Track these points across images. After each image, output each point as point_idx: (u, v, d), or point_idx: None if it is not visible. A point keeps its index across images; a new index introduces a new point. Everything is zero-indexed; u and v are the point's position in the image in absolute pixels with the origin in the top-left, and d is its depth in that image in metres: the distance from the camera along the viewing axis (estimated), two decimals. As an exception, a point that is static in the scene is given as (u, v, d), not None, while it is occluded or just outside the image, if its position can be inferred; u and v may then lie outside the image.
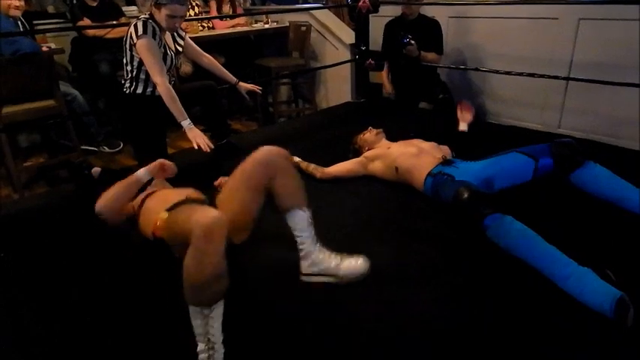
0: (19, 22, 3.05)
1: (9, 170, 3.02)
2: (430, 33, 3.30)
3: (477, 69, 3.51)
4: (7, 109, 2.85)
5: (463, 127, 2.38)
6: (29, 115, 2.92)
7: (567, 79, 3.01)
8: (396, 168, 2.12)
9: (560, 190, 1.93)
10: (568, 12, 3.02)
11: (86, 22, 3.56)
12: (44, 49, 3.03)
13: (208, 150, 2.21)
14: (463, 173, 1.86)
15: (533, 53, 3.21)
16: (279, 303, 1.44)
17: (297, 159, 2.48)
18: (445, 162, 2.00)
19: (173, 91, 2.26)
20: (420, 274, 1.55)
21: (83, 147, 3.35)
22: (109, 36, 3.55)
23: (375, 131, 2.43)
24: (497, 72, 3.25)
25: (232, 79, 2.67)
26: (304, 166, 2.41)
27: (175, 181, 2.33)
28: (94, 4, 3.70)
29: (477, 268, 1.59)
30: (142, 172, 1.68)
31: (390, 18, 3.49)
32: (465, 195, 1.64)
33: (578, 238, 1.66)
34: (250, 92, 2.71)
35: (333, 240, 1.78)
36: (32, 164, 3.29)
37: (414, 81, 3.39)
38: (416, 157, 2.09)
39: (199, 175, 2.58)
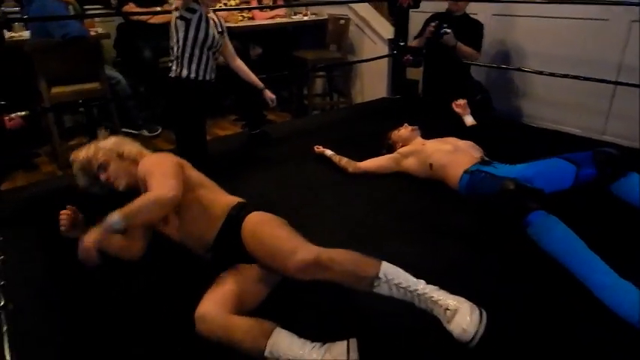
0: (70, 7, 3.17)
1: (54, 148, 3.18)
2: (471, 32, 3.22)
3: (519, 69, 3.41)
4: (55, 90, 2.99)
5: (469, 120, 2.45)
6: (75, 96, 3.05)
7: (616, 83, 2.88)
8: (431, 164, 2.11)
9: (599, 197, 1.87)
10: (620, 13, 2.89)
11: (132, 7, 3.68)
12: (92, 33, 3.15)
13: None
14: (503, 171, 1.83)
15: (580, 55, 3.09)
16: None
17: (329, 152, 2.49)
18: (484, 161, 1.98)
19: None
20: (446, 273, 1.54)
21: (124, 130, 3.47)
22: (152, 21, 3.64)
23: (410, 128, 2.41)
24: (541, 73, 3.15)
25: (259, 84, 2.70)
26: (337, 160, 2.42)
27: (211, 169, 2.40)
28: (140, -10, 3.81)
29: (505, 269, 1.56)
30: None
31: (431, 14, 3.44)
32: (512, 186, 1.60)
33: (617, 248, 1.61)
34: (272, 99, 2.76)
35: (358, 237, 1.81)
36: (76, 144, 3.43)
37: (448, 80, 3.33)
38: (452, 154, 2.07)
39: (233, 162, 2.65)
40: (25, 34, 3.17)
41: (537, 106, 3.45)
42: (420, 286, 1.25)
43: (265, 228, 1.37)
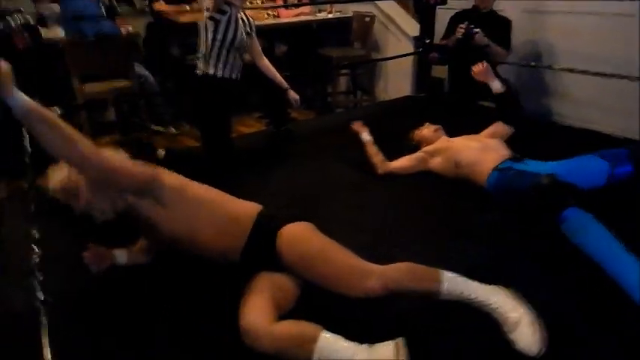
0: (102, 6, 3.26)
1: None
2: (499, 30, 3.16)
3: (550, 67, 3.33)
4: (87, 87, 3.09)
5: (496, 87, 2.34)
6: (106, 93, 3.14)
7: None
8: (457, 162, 2.08)
9: (636, 195, 1.81)
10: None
11: (161, 5, 3.76)
12: (123, 31, 3.23)
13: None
14: (534, 168, 1.80)
15: (614, 53, 2.99)
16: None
17: (367, 137, 2.41)
18: (514, 158, 1.94)
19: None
20: (471, 273, 1.52)
21: (153, 127, 3.55)
22: (181, 20, 3.71)
23: (433, 127, 2.38)
24: (571, 71, 3.07)
25: (284, 84, 2.72)
26: (372, 152, 2.34)
27: (235, 167, 2.44)
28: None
29: (532, 269, 1.54)
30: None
31: (457, 11, 3.38)
32: (548, 181, 1.59)
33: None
34: (294, 100, 2.76)
35: (383, 236, 1.80)
36: (109, 140, 3.53)
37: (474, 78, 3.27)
38: (480, 151, 2.04)
39: (257, 159, 2.68)
40: (59, 32, 3.28)
41: (568, 105, 3.35)
42: (479, 292, 1.26)
43: (311, 248, 1.33)
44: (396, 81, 4.29)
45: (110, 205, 1.32)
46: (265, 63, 2.69)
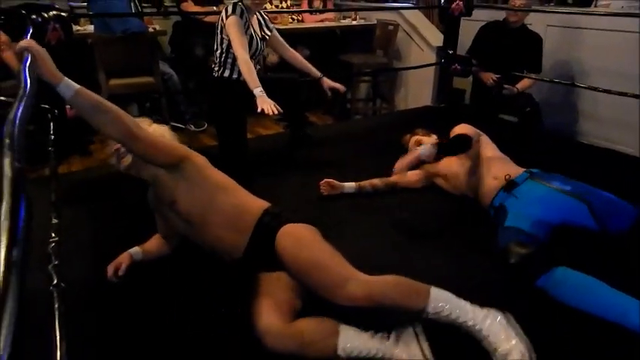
0: (132, 4, 3.34)
1: (108, 137, 3.35)
2: (529, 47, 3.12)
3: (573, 84, 3.28)
4: (113, 82, 3.16)
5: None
6: (130, 89, 3.21)
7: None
8: (462, 192, 2.10)
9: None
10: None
11: (189, 4, 3.84)
12: (150, 30, 3.30)
13: (271, 113, 2.11)
14: (520, 208, 1.71)
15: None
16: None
17: (349, 186, 2.22)
18: (507, 186, 1.83)
19: (251, 63, 2.31)
20: (479, 289, 1.51)
21: (172, 124, 3.61)
22: (207, 20, 3.78)
23: (430, 139, 2.25)
24: (595, 89, 3.02)
25: (316, 73, 2.67)
26: (367, 187, 2.24)
27: (251, 168, 2.46)
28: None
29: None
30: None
31: (482, 22, 3.36)
32: (512, 260, 1.52)
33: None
34: (333, 89, 2.67)
35: (394, 245, 1.80)
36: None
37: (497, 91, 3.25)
38: (480, 183, 1.96)
39: (273, 161, 2.70)
40: (90, 28, 3.37)
41: (590, 123, 3.30)
42: (469, 316, 1.21)
43: (304, 252, 1.30)
44: (417, 90, 4.28)
45: (144, 174, 1.45)
46: (292, 54, 2.68)
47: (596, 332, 1.33)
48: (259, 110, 2.12)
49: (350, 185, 2.20)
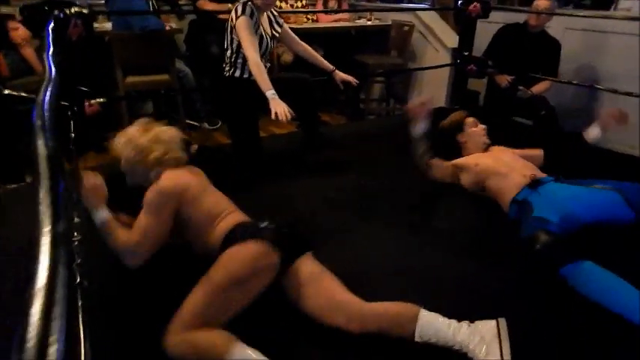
0: (150, 2, 3.38)
1: (124, 133, 3.40)
2: (547, 53, 3.08)
3: (591, 86, 3.23)
4: (129, 79, 3.20)
5: (593, 133, 2.13)
6: (147, 86, 3.25)
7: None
8: (483, 188, 2.06)
9: None
10: None
11: (206, 3, 3.87)
12: (167, 28, 3.34)
13: (284, 119, 2.13)
14: (546, 203, 1.72)
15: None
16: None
17: (420, 129, 2.29)
18: (532, 183, 1.86)
19: (262, 65, 2.33)
20: (492, 298, 1.50)
21: (187, 121, 3.64)
22: (222, 17, 3.80)
23: (481, 128, 2.28)
24: (615, 92, 2.97)
25: (329, 66, 2.67)
26: (420, 150, 2.28)
27: (264, 167, 2.47)
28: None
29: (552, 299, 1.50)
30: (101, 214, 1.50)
31: (497, 24, 3.34)
32: (538, 246, 1.52)
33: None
34: (345, 83, 2.68)
35: (406, 250, 1.79)
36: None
37: (512, 93, 3.22)
38: (505, 178, 1.96)
39: (286, 161, 2.71)
40: (107, 26, 3.42)
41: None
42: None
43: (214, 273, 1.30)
44: (431, 91, 4.25)
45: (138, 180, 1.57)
46: (304, 47, 2.68)
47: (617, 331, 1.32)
48: (273, 116, 2.14)
49: (419, 131, 2.25)
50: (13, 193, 2.18)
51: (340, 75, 2.67)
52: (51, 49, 1.14)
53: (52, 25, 1.61)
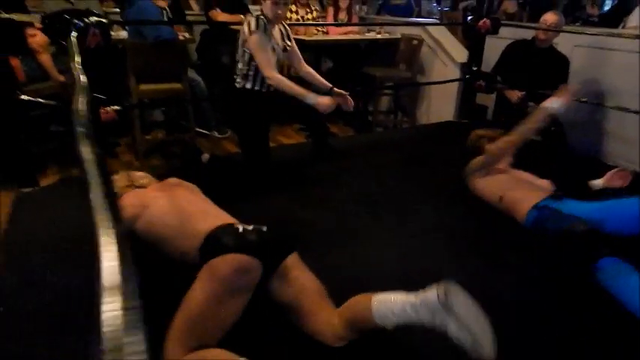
0: (164, 12, 3.44)
1: (135, 140, 3.44)
2: (556, 68, 3.11)
3: (599, 104, 3.25)
4: (142, 87, 3.25)
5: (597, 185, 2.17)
6: (159, 94, 3.29)
7: None
8: (501, 197, 2.07)
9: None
10: None
11: (217, 12, 3.94)
12: (180, 37, 3.39)
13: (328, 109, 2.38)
14: (571, 208, 1.77)
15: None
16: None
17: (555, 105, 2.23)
18: (554, 196, 1.92)
19: (285, 78, 2.39)
20: (504, 309, 1.50)
21: (197, 129, 3.68)
22: (234, 27, 3.87)
23: (506, 142, 2.26)
24: (625, 110, 2.98)
25: (327, 85, 2.69)
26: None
27: (273, 177, 2.49)
28: (227, -1, 4.08)
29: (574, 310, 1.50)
30: None
31: (506, 40, 3.37)
32: (582, 228, 1.55)
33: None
34: (340, 96, 2.63)
35: (415, 261, 1.80)
36: (152, 138, 3.69)
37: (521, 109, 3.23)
38: (525, 191, 2.02)
39: (294, 171, 2.73)
40: (121, 34, 3.48)
41: (617, 145, 3.26)
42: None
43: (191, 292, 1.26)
44: (439, 105, 4.29)
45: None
46: (307, 69, 2.72)
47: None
48: (323, 109, 2.40)
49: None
50: (28, 196, 2.21)
51: (336, 91, 2.67)
52: (78, 58, 1.17)
53: (74, 33, 1.65)
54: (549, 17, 3.07)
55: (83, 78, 1.02)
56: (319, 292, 1.35)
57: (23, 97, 2.23)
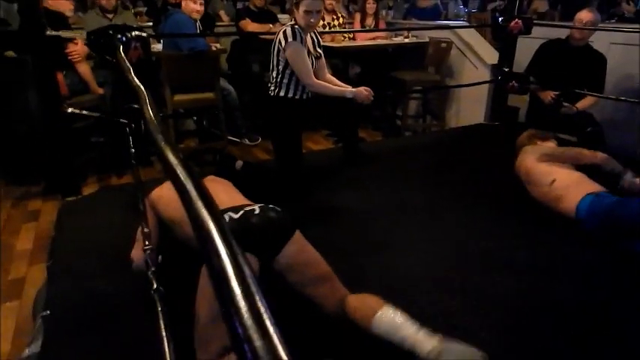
0: (197, 24, 3.55)
1: (169, 148, 3.54)
2: (593, 67, 3.03)
3: (638, 101, 3.14)
4: (177, 97, 3.35)
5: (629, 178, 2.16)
6: (193, 104, 3.39)
7: None
8: (554, 180, 2.03)
9: None
10: None
11: (247, 22, 4.04)
12: (212, 48, 3.49)
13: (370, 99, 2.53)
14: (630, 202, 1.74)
15: None
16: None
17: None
18: (609, 191, 1.91)
19: (323, 83, 2.53)
20: (545, 312, 1.47)
21: (229, 137, 3.76)
22: (263, 37, 3.95)
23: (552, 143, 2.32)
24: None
25: (348, 90, 2.63)
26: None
27: (305, 182, 2.52)
28: (256, 10, 4.17)
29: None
30: None
31: (537, 40, 3.30)
32: None
33: None
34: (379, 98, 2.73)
35: (442, 266, 1.77)
36: (186, 147, 3.80)
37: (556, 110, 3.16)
38: (583, 179, 2.01)
39: (325, 176, 2.75)
40: (157, 47, 3.60)
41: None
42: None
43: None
44: (469, 108, 4.24)
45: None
46: (329, 77, 2.74)
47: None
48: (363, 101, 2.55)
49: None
50: (73, 204, 2.32)
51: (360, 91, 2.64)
52: (132, 69, 1.24)
53: (121, 47, 1.73)
54: (585, 15, 3.00)
55: (143, 88, 1.08)
56: (325, 276, 1.38)
57: (70, 110, 2.35)
